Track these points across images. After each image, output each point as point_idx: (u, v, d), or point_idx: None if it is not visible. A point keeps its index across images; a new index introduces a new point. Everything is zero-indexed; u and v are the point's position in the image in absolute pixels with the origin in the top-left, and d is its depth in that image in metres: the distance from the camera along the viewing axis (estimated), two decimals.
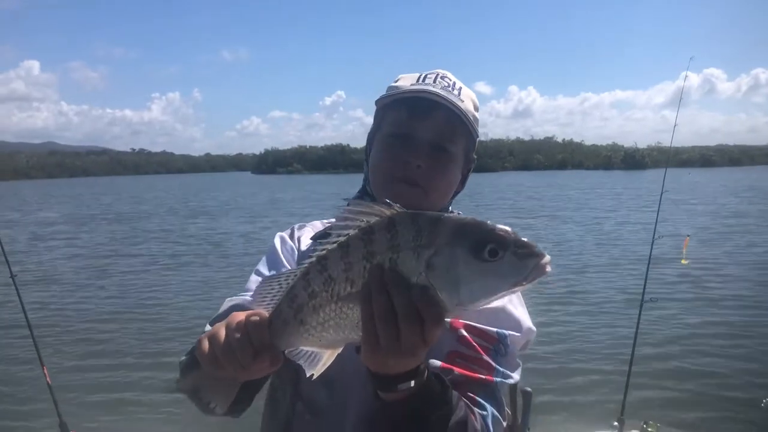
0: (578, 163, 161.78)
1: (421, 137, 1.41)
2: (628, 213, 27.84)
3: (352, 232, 0.94)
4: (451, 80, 1.48)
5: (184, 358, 1.38)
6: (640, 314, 4.61)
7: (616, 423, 4.18)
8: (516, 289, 0.88)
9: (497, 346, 1.34)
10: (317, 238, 1.54)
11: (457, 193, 1.57)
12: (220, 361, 1.02)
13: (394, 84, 1.51)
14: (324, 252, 0.96)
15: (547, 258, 0.86)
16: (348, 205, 0.99)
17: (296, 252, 1.56)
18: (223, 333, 1.03)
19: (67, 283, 13.69)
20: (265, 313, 1.02)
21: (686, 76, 5.37)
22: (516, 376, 1.37)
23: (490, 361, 1.32)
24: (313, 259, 0.98)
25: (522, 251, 0.86)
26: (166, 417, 6.30)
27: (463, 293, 0.88)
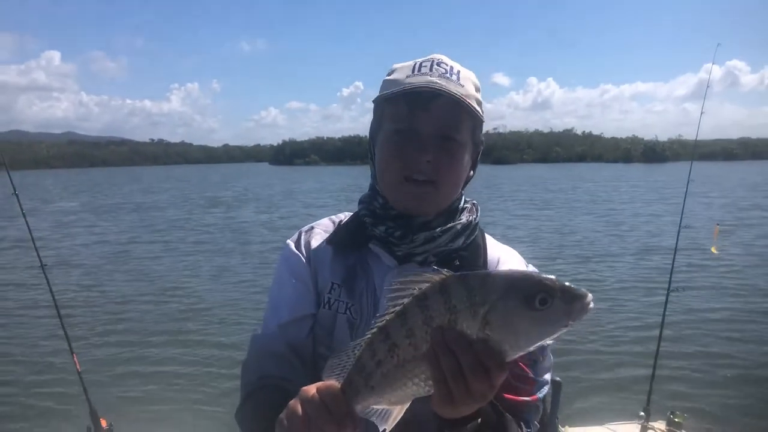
0: (597, 155, 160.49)
1: (425, 131, 1.36)
2: (650, 205, 27.71)
3: (406, 300, 1.00)
4: (447, 65, 1.42)
5: (245, 419, 1.38)
6: (666, 303, 4.59)
7: (642, 413, 4.17)
8: (566, 329, 0.95)
9: (536, 357, 1.36)
10: (330, 241, 1.52)
11: (468, 179, 1.51)
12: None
13: (388, 78, 1.46)
14: (383, 322, 1.02)
15: (590, 297, 0.93)
16: (398, 277, 1.03)
17: (305, 259, 1.52)
18: (299, 408, 1.05)
19: (94, 272, 13.85)
20: (337, 384, 1.06)
21: (712, 64, 5.26)
22: (549, 377, 1.41)
23: (532, 375, 1.35)
24: (375, 329, 1.04)
25: (568, 296, 0.93)
26: (193, 404, 6.39)
27: (521, 341, 0.96)
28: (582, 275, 12.04)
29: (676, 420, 4.13)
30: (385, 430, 1.07)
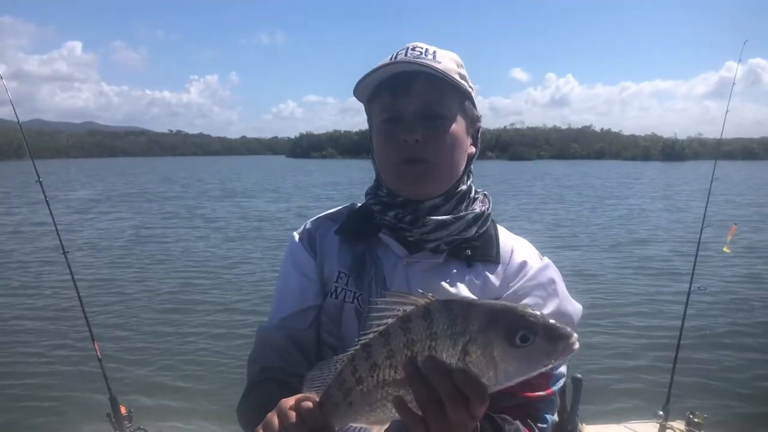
0: (616, 153, 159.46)
1: (408, 112, 1.37)
2: (672, 203, 27.52)
3: (390, 320, 1.00)
4: (422, 48, 1.41)
5: (242, 414, 1.39)
6: (687, 302, 4.52)
7: (661, 412, 4.11)
8: (547, 368, 0.93)
9: None
10: (338, 231, 1.52)
11: (471, 156, 1.50)
12: None
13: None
14: (367, 339, 1.02)
15: (575, 337, 0.91)
16: (383, 297, 1.03)
17: (310, 250, 1.53)
18: (276, 421, 1.06)
19: (116, 260, 13.96)
20: (315, 397, 1.07)
21: (739, 61, 5.17)
22: (564, 369, 1.38)
23: (549, 371, 1.30)
24: (358, 346, 1.04)
25: (551, 334, 0.90)
26: (213, 392, 6.42)
27: (500, 376, 0.93)
28: (601, 273, 11.97)
29: (696, 420, 4.07)
30: None
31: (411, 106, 1.37)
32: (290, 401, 1.07)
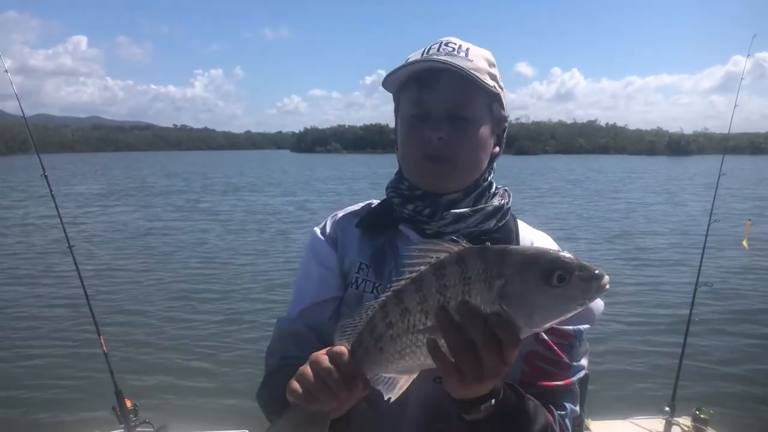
0: (621, 147, 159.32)
1: (435, 109, 1.37)
2: (678, 198, 27.51)
3: (423, 267, 1.01)
4: (456, 44, 1.41)
5: (264, 399, 1.39)
6: (694, 298, 4.50)
7: (667, 408, 4.10)
8: (581, 308, 0.95)
9: (572, 341, 1.34)
10: (359, 224, 1.52)
11: (494, 156, 1.50)
12: (314, 394, 1.06)
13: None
14: (399, 286, 1.03)
15: (607, 278, 0.94)
16: (418, 245, 1.05)
17: (331, 244, 1.53)
18: (309, 370, 1.08)
19: (121, 254, 14.00)
20: (346, 347, 1.08)
21: (747, 55, 5.13)
22: (585, 362, 1.38)
23: (568, 361, 1.33)
24: (390, 292, 1.05)
25: (586, 274, 0.93)
26: (218, 385, 6.45)
27: (536, 317, 0.95)
28: (608, 268, 11.88)
29: (702, 416, 4.06)
30: (390, 398, 1.08)
31: (438, 103, 1.37)
32: (321, 353, 1.09)
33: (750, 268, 11.81)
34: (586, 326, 1.36)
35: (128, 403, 3.84)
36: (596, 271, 0.93)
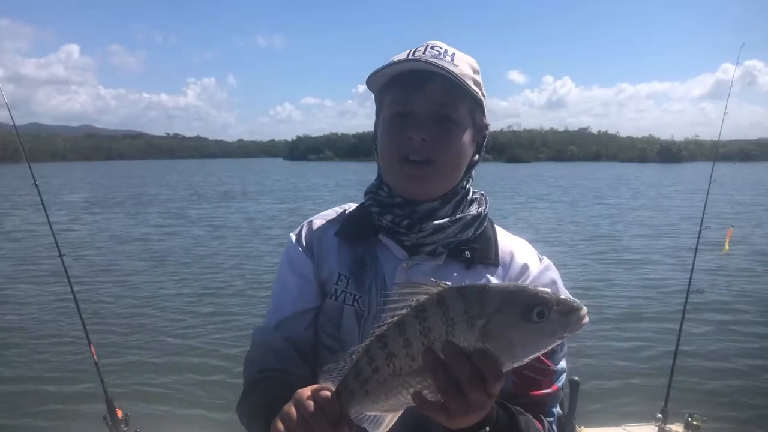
0: (613, 155, 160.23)
1: (420, 110, 1.35)
2: (669, 205, 27.69)
3: (404, 311, 1.02)
4: (442, 48, 1.39)
5: (244, 412, 1.39)
6: (685, 305, 4.52)
7: (659, 415, 4.10)
8: (562, 340, 0.98)
9: (555, 347, 1.30)
10: (337, 233, 1.50)
11: (473, 164, 1.47)
12: None
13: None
14: (381, 330, 1.05)
15: (585, 310, 0.95)
16: (396, 288, 1.05)
17: (308, 251, 1.51)
18: (294, 411, 1.07)
19: (111, 262, 13.92)
20: (330, 387, 1.09)
21: (737, 63, 5.16)
22: (565, 363, 1.40)
23: (553, 367, 1.35)
24: (373, 337, 1.06)
25: (565, 308, 0.94)
26: (209, 395, 6.40)
27: (518, 353, 0.97)
28: (600, 275, 11.98)
29: (695, 423, 4.07)
30: None
31: (422, 104, 1.35)
32: (307, 392, 1.09)
33: (742, 273, 11.88)
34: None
35: (119, 413, 3.83)
36: (574, 305, 0.95)
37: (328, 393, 1.08)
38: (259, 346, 1.48)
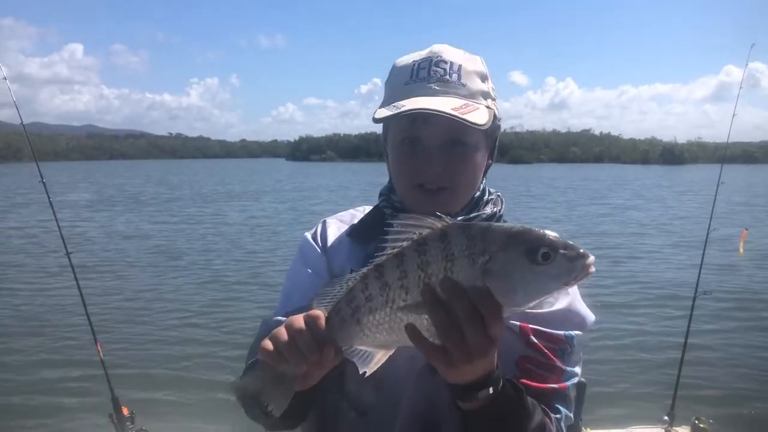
0: (615, 157, 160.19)
1: (429, 142, 1.33)
2: (675, 207, 27.71)
3: (405, 243, 1.00)
4: (446, 63, 1.35)
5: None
6: (693, 307, 4.51)
7: (666, 417, 4.10)
8: (565, 288, 0.95)
9: (564, 347, 1.32)
10: (350, 233, 1.51)
11: (488, 167, 1.47)
12: (284, 354, 1.06)
13: (389, 82, 1.43)
14: (381, 260, 1.03)
15: (592, 258, 0.92)
16: (399, 219, 1.03)
17: (320, 249, 1.52)
18: (284, 331, 1.07)
19: (118, 261, 13.96)
20: (323, 313, 1.08)
21: (746, 65, 5.12)
22: (579, 369, 1.37)
23: (561, 366, 1.31)
24: (371, 266, 1.04)
25: (571, 253, 0.92)
26: (214, 393, 6.35)
27: (519, 295, 0.94)
28: (607, 276, 11.93)
29: (701, 426, 4.05)
30: (365, 373, 1.06)
31: (431, 136, 1.33)
32: (299, 317, 1.08)
33: (750, 275, 11.84)
34: (577, 333, 1.35)
35: (125, 411, 3.82)
36: (581, 251, 0.92)
37: (319, 314, 1.07)
38: (262, 337, 1.47)
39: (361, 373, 1.06)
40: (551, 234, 0.94)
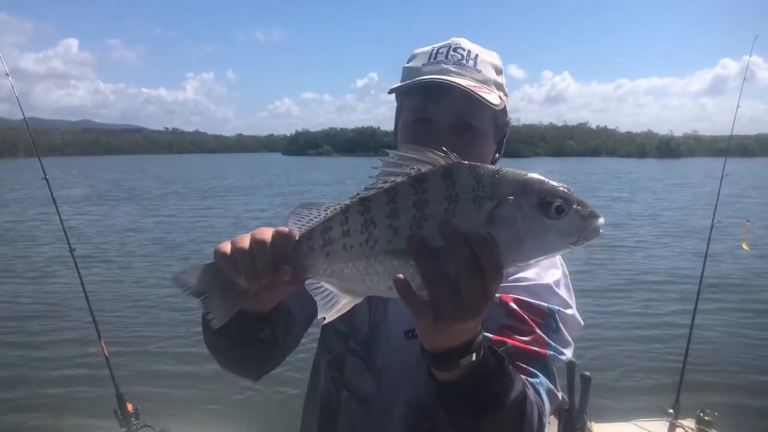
0: (612, 150, 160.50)
1: (440, 120, 1.34)
2: (677, 199, 27.75)
3: (400, 178, 0.89)
4: (465, 50, 1.38)
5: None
6: (697, 300, 4.51)
7: (671, 410, 4.10)
8: (570, 248, 0.86)
9: (548, 321, 1.27)
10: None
11: (494, 161, 1.48)
12: (237, 262, 0.98)
13: (407, 65, 1.45)
14: (369, 194, 0.91)
15: (602, 219, 0.86)
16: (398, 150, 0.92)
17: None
18: (247, 238, 0.99)
19: (122, 257, 13.94)
20: (295, 231, 0.97)
21: (750, 56, 5.09)
22: (568, 353, 1.29)
23: (543, 336, 1.25)
24: (356, 198, 0.92)
25: (584, 211, 0.85)
26: (219, 389, 6.37)
27: (524, 249, 0.85)
28: (611, 270, 11.93)
29: (706, 418, 4.06)
30: (324, 318, 0.96)
31: (443, 115, 1.33)
32: (268, 229, 0.99)
33: (754, 268, 11.83)
34: (560, 309, 1.30)
35: (129, 407, 3.81)
36: (595, 210, 0.85)
37: (287, 231, 0.97)
38: None
39: (319, 317, 0.96)
40: (566, 187, 0.86)
